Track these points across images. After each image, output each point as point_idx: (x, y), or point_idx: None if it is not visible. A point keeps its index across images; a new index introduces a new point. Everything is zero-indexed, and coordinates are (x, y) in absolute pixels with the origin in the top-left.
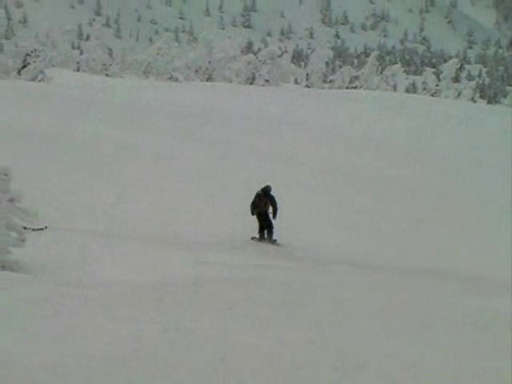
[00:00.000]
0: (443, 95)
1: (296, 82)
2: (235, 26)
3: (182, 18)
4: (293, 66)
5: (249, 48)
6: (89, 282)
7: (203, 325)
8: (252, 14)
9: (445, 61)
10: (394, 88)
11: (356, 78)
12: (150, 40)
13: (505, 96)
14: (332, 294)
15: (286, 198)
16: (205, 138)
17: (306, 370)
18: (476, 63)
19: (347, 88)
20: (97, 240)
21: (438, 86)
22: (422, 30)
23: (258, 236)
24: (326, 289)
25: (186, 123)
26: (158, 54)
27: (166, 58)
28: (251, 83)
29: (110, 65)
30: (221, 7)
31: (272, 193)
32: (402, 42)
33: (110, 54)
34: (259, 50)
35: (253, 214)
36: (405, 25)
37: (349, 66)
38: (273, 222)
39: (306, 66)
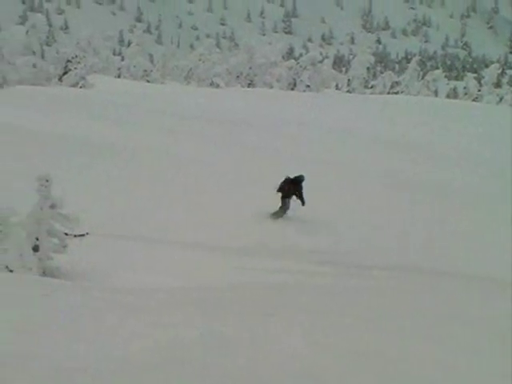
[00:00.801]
0: (485, 100)
1: (337, 88)
2: (276, 31)
3: (223, 24)
4: (334, 71)
5: (290, 54)
6: (126, 288)
7: (238, 330)
8: (293, 19)
9: (486, 66)
10: (436, 93)
11: (397, 83)
12: (191, 46)
13: None
14: (364, 299)
15: (325, 202)
16: (245, 143)
17: (341, 374)
18: None
19: (388, 93)
20: (136, 246)
21: (479, 91)
22: (463, 35)
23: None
24: (359, 293)
25: (226, 129)
26: (200, 59)
27: (207, 64)
28: (292, 89)
29: (151, 71)
30: (262, 13)
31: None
32: (443, 47)
33: (151, 60)
34: (300, 55)
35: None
36: (446, 30)
37: (390, 72)
38: (289, 206)
39: (347, 71)
